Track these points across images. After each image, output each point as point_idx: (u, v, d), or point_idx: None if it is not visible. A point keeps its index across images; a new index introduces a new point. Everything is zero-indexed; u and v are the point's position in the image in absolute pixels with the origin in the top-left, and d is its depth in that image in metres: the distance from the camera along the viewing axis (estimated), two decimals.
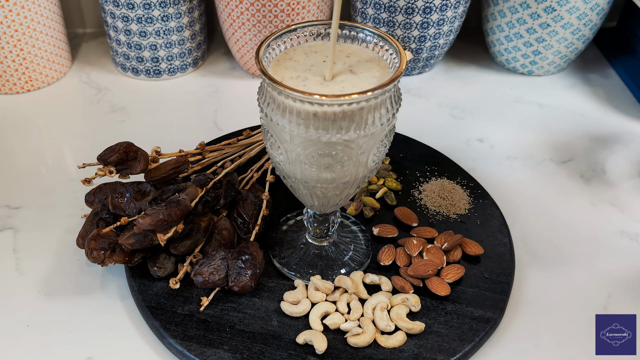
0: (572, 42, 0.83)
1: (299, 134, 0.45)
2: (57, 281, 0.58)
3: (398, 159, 0.70)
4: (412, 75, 0.87)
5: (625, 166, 0.73)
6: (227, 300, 0.55)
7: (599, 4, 0.79)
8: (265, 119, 0.47)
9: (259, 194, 0.62)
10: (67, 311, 0.56)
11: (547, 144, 0.76)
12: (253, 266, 0.54)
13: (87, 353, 0.53)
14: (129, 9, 0.78)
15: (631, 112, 0.82)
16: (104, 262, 0.54)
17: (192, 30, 0.83)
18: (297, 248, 0.60)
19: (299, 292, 0.55)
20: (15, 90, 0.82)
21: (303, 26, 0.49)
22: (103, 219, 0.57)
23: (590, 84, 0.87)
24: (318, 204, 0.52)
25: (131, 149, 0.57)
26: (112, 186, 0.58)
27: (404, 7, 0.77)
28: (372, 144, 0.46)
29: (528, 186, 0.70)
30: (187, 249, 0.56)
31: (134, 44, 0.81)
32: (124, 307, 0.56)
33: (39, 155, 0.73)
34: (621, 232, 0.65)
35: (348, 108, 0.43)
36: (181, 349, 0.51)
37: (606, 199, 0.69)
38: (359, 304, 0.54)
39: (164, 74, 0.85)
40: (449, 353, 0.51)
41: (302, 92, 0.42)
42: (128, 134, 0.76)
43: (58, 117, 0.79)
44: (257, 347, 0.51)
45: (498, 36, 0.86)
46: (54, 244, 0.62)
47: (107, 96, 0.83)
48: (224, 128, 0.77)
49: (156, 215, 0.52)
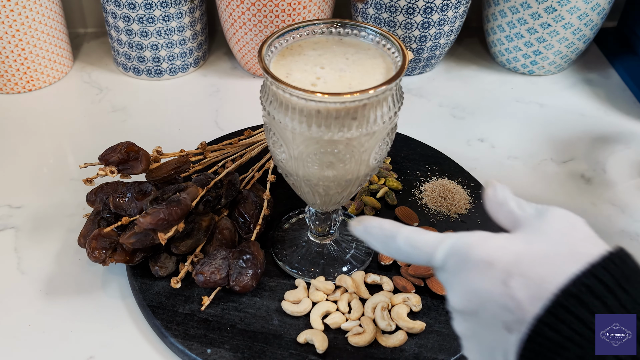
0: (572, 42, 0.83)
1: (301, 132, 0.45)
2: (58, 280, 0.58)
3: (399, 158, 0.70)
4: (413, 75, 0.87)
5: (626, 166, 0.73)
6: (228, 299, 0.55)
7: (600, 4, 0.79)
8: (268, 117, 0.47)
9: (260, 193, 0.62)
10: (68, 310, 0.56)
11: (547, 144, 0.76)
12: (254, 266, 0.54)
13: (88, 352, 0.53)
14: (131, 8, 0.78)
15: (632, 112, 0.82)
16: (105, 262, 0.54)
17: (193, 30, 0.83)
18: (299, 246, 0.60)
19: (299, 291, 0.55)
20: (17, 90, 0.82)
21: (305, 25, 0.50)
22: (104, 218, 0.57)
23: (591, 84, 0.87)
24: (320, 202, 0.52)
25: (132, 148, 0.57)
26: (114, 186, 0.58)
27: (405, 7, 0.77)
28: (374, 142, 0.46)
29: (529, 186, 0.70)
30: (189, 249, 0.56)
31: (135, 43, 0.81)
32: (125, 307, 0.56)
33: (40, 155, 0.73)
34: (622, 232, 0.65)
35: (350, 106, 0.43)
36: (182, 348, 0.51)
37: (607, 198, 0.69)
38: (359, 304, 0.54)
39: (165, 73, 0.85)
40: (449, 352, 0.51)
41: (304, 90, 0.42)
42: (129, 133, 0.76)
43: (59, 117, 0.79)
44: (258, 346, 0.51)
45: (499, 36, 0.86)
46: (56, 244, 0.62)
47: (109, 96, 0.83)
48: (225, 128, 0.77)
49: (157, 214, 0.52)
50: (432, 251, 0.37)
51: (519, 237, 0.36)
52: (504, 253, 0.34)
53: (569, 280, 0.32)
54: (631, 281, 0.32)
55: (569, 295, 0.31)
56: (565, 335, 0.31)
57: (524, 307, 0.33)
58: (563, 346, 0.32)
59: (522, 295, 0.33)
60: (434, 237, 0.37)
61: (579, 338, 0.31)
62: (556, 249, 0.34)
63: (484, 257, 0.35)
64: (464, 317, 0.36)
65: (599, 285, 0.32)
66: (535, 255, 0.34)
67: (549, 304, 0.32)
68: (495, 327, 0.34)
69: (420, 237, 0.37)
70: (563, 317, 0.31)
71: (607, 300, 0.31)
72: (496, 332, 0.35)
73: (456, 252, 0.36)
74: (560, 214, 0.36)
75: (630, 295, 0.32)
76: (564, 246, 0.34)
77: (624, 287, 0.32)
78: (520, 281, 0.33)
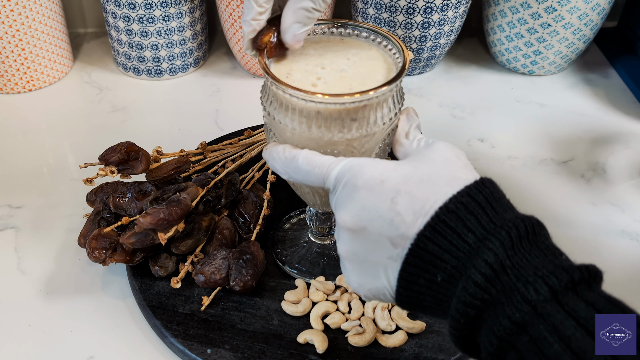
0: (572, 42, 0.83)
1: (301, 133, 0.45)
2: (58, 280, 0.58)
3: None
4: (413, 75, 0.87)
5: (626, 166, 0.73)
6: (228, 299, 0.55)
7: (600, 4, 0.79)
8: (268, 117, 0.47)
9: (260, 193, 0.62)
10: (68, 310, 0.56)
11: (547, 144, 0.76)
12: (254, 266, 0.54)
13: (88, 352, 0.53)
14: (131, 8, 0.78)
15: (632, 112, 0.82)
16: (105, 262, 0.54)
17: (193, 30, 0.83)
18: (300, 246, 0.60)
19: (299, 291, 0.55)
20: (17, 90, 0.82)
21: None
22: (104, 218, 0.57)
23: (591, 84, 0.87)
24: (320, 202, 0.52)
25: (132, 148, 0.57)
26: (114, 186, 0.58)
27: (405, 7, 0.77)
28: (374, 144, 0.46)
29: (529, 186, 0.70)
30: (189, 249, 0.56)
31: (136, 43, 0.81)
32: (125, 307, 0.56)
33: (40, 155, 0.73)
34: (622, 232, 0.65)
35: (350, 107, 0.43)
36: (182, 348, 0.51)
37: (607, 198, 0.69)
38: (359, 304, 0.54)
39: (165, 73, 0.85)
40: (449, 352, 0.51)
41: (304, 91, 0.42)
42: (129, 133, 0.76)
43: (59, 117, 0.79)
44: (258, 346, 0.51)
45: (499, 36, 0.86)
46: (56, 244, 0.62)
47: (109, 96, 0.83)
48: (225, 128, 0.77)
49: (157, 214, 0.52)
50: (327, 170, 0.40)
51: (408, 162, 0.40)
52: (394, 174, 0.38)
53: (448, 199, 0.36)
54: (499, 202, 0.37)
55: (448, 211, 0.36)
56: (443, 247, 0.35)
57: (409, 222, 0.36)
58: (441, 258, 0.35)
59: (407, 211, 0.37)
60: (330, 158, 0.41)
61: (455, 250, 0.35)
62: (439, 173, 0.38)
63: (375, 175, 0.38)
64: (351, 235, 0.39)
65: (473, 204, 0.36)
66: (421, 177, 0.38)
67: (429, 220, 0.36)
68: (381, 242, 0.38)
69: (318, 157, 0.42)
70: (442, 231, 0.35)
71: (479, 216, 0.36)
72: (382, 248, 0.38)
73: (349, 170, 0.39)
74: (445, 145, 0.41)
75: (498, 213, 0.36)
76: (446, 171, 0.38)
77: (493, 205, 0.36)
78: (407, 199, 0.37)
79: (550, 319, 0.31)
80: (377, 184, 0.38)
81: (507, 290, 0.33)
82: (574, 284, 0.33)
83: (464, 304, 0.34)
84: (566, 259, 0.35)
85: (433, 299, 0.37)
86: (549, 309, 0.32)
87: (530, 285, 0.33)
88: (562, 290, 0.32)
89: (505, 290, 0.33)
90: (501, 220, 0.36)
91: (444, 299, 0.36)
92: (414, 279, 0.37)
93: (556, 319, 0.31)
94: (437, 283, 0.36)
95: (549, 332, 0.31)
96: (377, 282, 0.39)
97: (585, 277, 0.33)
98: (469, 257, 0.35)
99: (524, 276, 0.33)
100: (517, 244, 0.34)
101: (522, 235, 0.35)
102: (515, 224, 0.35)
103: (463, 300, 0.34)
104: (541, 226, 0.36)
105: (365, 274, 0.40)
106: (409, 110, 0.46)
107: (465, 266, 0.35)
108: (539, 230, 0.36)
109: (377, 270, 0.39)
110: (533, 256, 0.34)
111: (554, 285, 0.32)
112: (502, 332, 0.32)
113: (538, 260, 0.34)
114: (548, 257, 0.34)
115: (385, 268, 0.38)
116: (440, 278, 0.36)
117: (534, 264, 0.34)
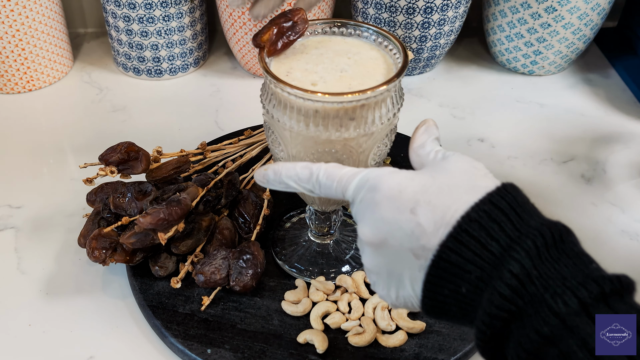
0: (572, 42, 0.83)
1: (299, 131, 0.45)
2: (58, 280, 0.58)
3: (399, 159, 0.70)
4: (413, 75, 0.87)
5: (626, 166, 0.73)
6: (228, 299, 0.55)
7: (600, 4, 0.79)
8: (267, 115, 0.47)
9: (260, 193, 0.62)
10: (68, 310, 0.56)
11: (547, 144, 0.76)
12: (254, 266, 0.54)
13: (88, 352, 0.53)
14: (131, 8, 0.78)
15: (632, 112, 0.82)
16: (105, 262, 0.54)
17: (193, 30, 0.83)
18: (300, 245, 0.60)
19: (299, 291, 0.55)
20: (17, 90, 0.82)
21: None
22: (104, 218, 0.57)
23: (591, 84, 0.87)
24: (319, 202, 0.52)
25: (132, 148, 0.57)
26: (114, 186, 0.58)
27: (405, 7, 0.77)
28: (373, 143, 0.46)
29: (529, 186, 0.70)
30: (189, 249, 0.56)
31: (136, 43, 0.81)
32: (125, 307, 0.56)
33: (40, 155, 0.73)
34: (622, 232, 0.65)
35: (348, 106, 0.43)
36: (182, 348, 0.51)
37: (607, 198, 0.69)
38: (359, 304, 0.54)
39: (165, 73, 0.85)
40: (449, 352, 0.51)
41: (303, 90, 0.43)
42: (129, 133, 0.76)
43: (59, 117, 0.79)
44: (258, 346, 0.51)
45: (499, 36, 0.86)
46: (56, 244, 0.62)
47: (109, 96, 0.83)
48: (225, 128, 0.77)
49: (157, 214, 0.52)
50: (347, 183, 0.39)
51: (425, 172, 0.39)
52: (411, 183, 0.37)
53: (470, 208, 0.35)
54: (523, 208, 0.35)
55: (470, 220, 0.34)
56: (467, 258, 0.34)
57: (430, 233, 0.35)
58: (465, 269, 0.34)
59: (427, 222, 0.35)
60: (348, 171, 0.40)
61: (479, 260, 0.34)
62: (458, 182, 0.37)
63: (393, 186, 0.37)
64: (373, 248, 0.38)
65: (496, 211, 0.35)
66: (440, 186, 0.37)
67: (452, 230, 0.34)
68: (403, 254, 0.37)
69: (337, 171, 0.40)
70: (465, 241, 0.34)
71: (503, 224, 0.34)
72: (405, 260, 0.37)
73: (366, 182, 0.38)
74: (462, 157, 0.40)
75: (522, 220, 0.35)
76: (466, 180, 0.37)
77: (517, 212, 0.35)
78: (427, 209, 0.36)
79: (580, 332, 0.30)
80: (395, 194, 0.37)
81: (535, 301, 0.32)
82: (605, 296, 0.32)
83: (489, 316, 0.33)
84: (597, 268, 0.34)
85: (459, 309, 0.36)
86: (578, 322, 0.31)
87: (559, 297, 0.32)
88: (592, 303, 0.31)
89: (533, 302, 0.32)
90: (526, 228, 0.34)
91: (470, 309, 0.35)
92: (438, 290, 0.36)
93: (586, 332, 0.30)
94: (462, 294, 0.35)
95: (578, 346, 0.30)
96: (403, 292, 0.39)
97: (616, 288, 0.32)
98: (494, 268, 0.34)
99: (552, 287, 0.32)
100: (543, 252, 0.33)
101: (549, 243, 0.34)
102: (541, 231, 0.34)
103: (489, 312, 0.33)
104: (569, 232, 0.35)
105: (391, 285, 0.39)
106: (428, 121, 0.44)
107: (490, 276, 0.34)
108: (566, 236, 0.35)
109: (403, 280, 0.38)
110: (561, 265, 0.33)
111: (583, 297, 0.31)
112: (530, 346, 0.32)
113: (566, 270, 0.33)
114: (577, 266, 0.33)
115: (410, 279, 0.37)
116: (465, 289, 0.35)
117: (562, 274, 0.33)
